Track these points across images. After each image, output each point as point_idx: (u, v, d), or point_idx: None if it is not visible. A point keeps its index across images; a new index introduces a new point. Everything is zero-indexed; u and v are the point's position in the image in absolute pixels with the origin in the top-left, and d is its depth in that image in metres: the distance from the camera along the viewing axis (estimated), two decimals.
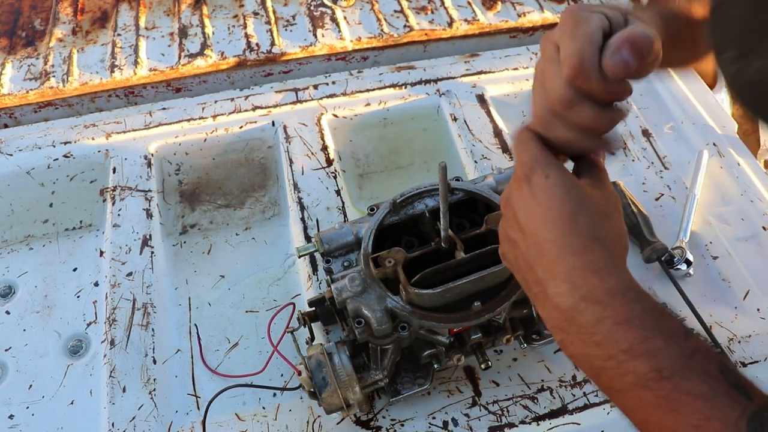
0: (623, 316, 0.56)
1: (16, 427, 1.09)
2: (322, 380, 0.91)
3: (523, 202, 0.63)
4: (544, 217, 0.61)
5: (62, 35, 1.75)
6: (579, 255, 0.59)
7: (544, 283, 0.60)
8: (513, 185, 0.65)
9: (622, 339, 0.55)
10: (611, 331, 0.56)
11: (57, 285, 1.29)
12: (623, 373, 0.55)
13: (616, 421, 1.03)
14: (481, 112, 1.51)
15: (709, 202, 1.32)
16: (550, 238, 0.60)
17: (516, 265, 0.66)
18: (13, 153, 1.43)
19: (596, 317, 0.56)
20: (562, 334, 0.60)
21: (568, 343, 0.60)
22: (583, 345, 0.58)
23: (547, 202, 0.61)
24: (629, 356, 0.55)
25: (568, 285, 0.58)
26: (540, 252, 0.61)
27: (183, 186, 1.45)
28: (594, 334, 0.56)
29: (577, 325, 0.58)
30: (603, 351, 0.56)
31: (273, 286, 1.27)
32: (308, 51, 1.67)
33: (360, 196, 1.48)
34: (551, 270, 0.60)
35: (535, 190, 0.62)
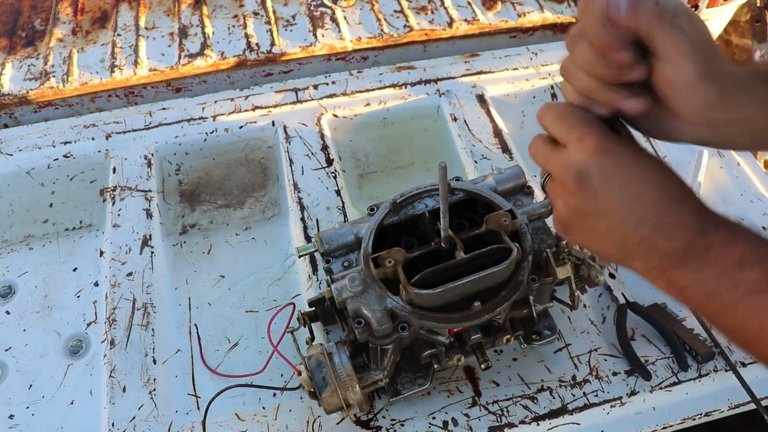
0: (729, 237, 0.63)
1: (16, 426, 1.09)
2: (322, 380, 0.91)
3: (612, 173, 0.66)
4: (642, 181, 0.65)
5: (62, 35, 1.75)
6: (683, 203, 0.65)
7: (653, 238, 0.65)
8: (588, 159, 0.66)
9: (731, 255, 0.61)
10: (721, 251, 0.62)
11: (57, 285, 1.29)
12: (736, 284, 0.61)
13: (616, 421, 1.04)
14: (481, 112, 1.51)
15: (709, 202, 1.30)
16: (653, 197, 0.65)
17: (606, 235, 0.69)
18: (13, 153, 1.43)
19: (708, 245, 0.63)
20: (672, 272, 0.65)
21: (679, 277, 0.64)
22: (696, 273, 0.63)
23: (638, 167, 0.66)
24: (740, 268, 0.61)
25: (682, 228, 0.64)
26: (646, 212, 0.65)
27: (183, 186, 1.45)
28: (707, 258, 0.62)
29: (691, 257, 0.63)
30: (715, 270, 0.62)
31: (273, 286, 1.27)
32: (308, 51, 1.67)
33: (360, 196, 1.48)
34: (661, 223, 0.65)
35: (622, 158, 0.66)
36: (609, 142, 0.66)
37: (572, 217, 0.70)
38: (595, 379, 1.07)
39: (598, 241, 0.70)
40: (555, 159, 0.69)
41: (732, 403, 1.06)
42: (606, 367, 1.09)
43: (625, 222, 0.66)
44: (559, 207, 0.71)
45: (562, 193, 0.70)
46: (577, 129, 0.67)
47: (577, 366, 1.09)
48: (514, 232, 0.97)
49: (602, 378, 1.07)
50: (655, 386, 1.06)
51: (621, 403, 1.05)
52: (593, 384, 1.07)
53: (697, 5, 1.71)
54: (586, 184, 0.67)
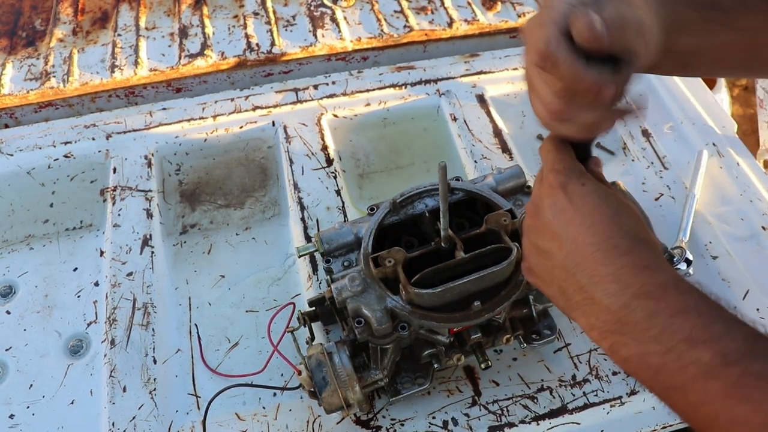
0: (678, 306, 0.55)
1: (17, 426, 1.09)
2: (322, 380, 0.91)
3: (558, 210, 0.62)
4: (585, 222, 0.61)
5: (63, 35, 1.75)
6: (626, 254, 0.59)
7: (588, 288, 0.59)
8: (544, 194, 0.65)
9: (680, 329, 0.53)
10: (668, 323, 0.54)
11: (57, 285, 1.29)
12: (685, 365, 0.52)
13: (616, 421, 1.04)
14: (481, 112, 1.51)
15: (709, 202, 1.32)
16: (593, 242, 0.60)
17: (550, 276, 0.65)
18: (13, 153, 1.43)
19: (650, 312, 0.55)
20: (613, 337, 0.58)
21: (620, 345, 0.58)
22: (638, 343, 0.56)
23: (587, 207, 0.61)
24: (690, 345, 0.52)
25: (618, 285, 0.57)
26: (582, 258, 0.60)
27: (183, 186, 1.45)
28: (649, 329, 0.55)
29: (630, 324, 0.56)
30: (660, 345, 0.54)
31: (273, 286, 1.27)
32: (308, 51, 1.67)
33: (360, 196, 1.48)
34: (597, 273, 0.59)
35: (572, 197, 0.62)
36: (566, 180, 0.63)
37: (531, 252, 0.69)
38: (595, 379, 1.07)
39: (549, 283, 0.66)
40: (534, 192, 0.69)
41: None
42: (606, 366, 1.09)
43: (564, 263, 0.62)
44: (524, 242, 0.70)
45: (526, 227, 0.69)
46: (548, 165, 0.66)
47: (577, 365, 1.09)
48: (514, 232, 0.97)
49: (602, 377, 1.07)
50: None
51: (621, 402, 1.05)
52: (593, 383, 1.07)
53: None
54: (539, 217, 0.65)
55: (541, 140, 0.74)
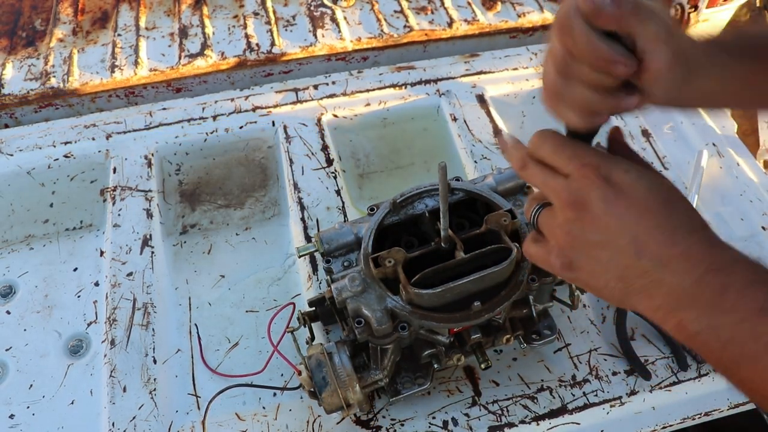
0: (749, 278, 0.56)
1: (17, 426, 1.09)
2: (322, 380, 0.91)
3: (609, 202, 0.62)
4: (641, 208, 0.61)
5: (63, 35, 1.75)
6: (692, 233, 0.60)
7: (655, 271, 0.60)
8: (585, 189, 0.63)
9: (753, 300, 0.54)
10: (740, 295, 0.55)
11: (57, 285, 1.29)
12: (758, 336, 0.54)
13: (616, 421, 1.04)
14: (481, 112, 1.51)
15: (709, 202, 1.32)
16: (655, 225, 0.60)
17: (602, 267, 0.64)
18: (13, 153, 1.43)
19: (723, 285, 0.56)
20: (682, 314, 0.59)
21: (689, 321, 0.58)
22: (709, 317, 0.56)
23: (639, 194, 0.61)
24: (762, 315, 0.54)
25: (689, 263, 0.58)
26: (645, 243, 0.60)
27: (183, 186, 1.45)
28: (723, 302, 0.56)
29: (702, 298, 0.57)
30: (733, 317, 0.55)
31: (273, 286, 1.27)
32: (308, 51, 1.67)
33: (360, 196, 1.48)
34: (664, 255, 0.59)
35: (620, 187, 0.62)
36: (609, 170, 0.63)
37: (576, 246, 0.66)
38: (594, 379, 1.07)
39: (600, 275, 0.65)
40: (556, 185, 0.66)
41: (732, 403, 1.06)
42: (606, 366, 1.09)
43: (625, 251, 0.61)
44: (560, 237, 0.66)
45: (563, 222, 0.66)
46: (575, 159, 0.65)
47: (577, 366, 1.09)
48: (514, 232, 0.97)
49: (602, 378, 1.07)
50: (654, 386, 1.06)
51: (621, 402, 1.05)
52: (593, 384, 1.07)
53: (696, 5, 1.71)
54: (588, 212, 0.63)
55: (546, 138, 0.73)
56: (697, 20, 1.74)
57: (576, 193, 0.64)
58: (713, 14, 1.77)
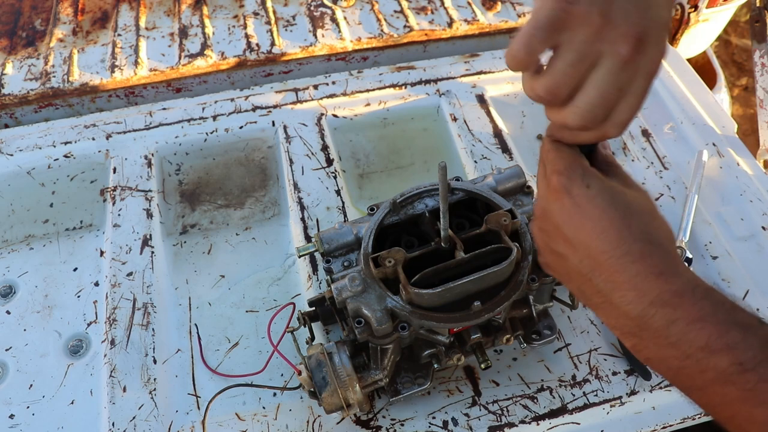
0: (695, 314, 0.55)
1: (17, 426, 1.09)
2: (322, 380, 0.91)
3: (566, 215, 0.61)
4: (594, 228, 0.60)
5: (63, 35, 1.75)
6: (639, 261, 0.58)
7: (606, 293, 0.60)
8: (550, 197, 0.63)
9: (697, 337, 0.54)
10: (685, 331, 0.55)
11: (57, 285, 1.29)
12: (703, 371, 0.54)
13: (616, 421, 1.04)
14: (481, 112, 1.51)
15: (709, 202, 1.32)
16: (605, 249, 0.59)
17: (567, 276, 0.65)
18: (13, 153, 1.43)
19: (668, 320, 0.56)
20: (633, 339, 0.59)
21: (641, 347, 0.59)
22: (657, 348, 0.57)
23: (594, 212, 0.60)
24: (707, 353, 0.54)
25: (635, 293, 0.57)
26: (597, 263, 0.60)
27: (183, 186, 1.45)
28: (668, 336, 0.56)
29: (649, 330, 0.57)
30: (679, 351, 0.55)
31: (273, 286, 1.27)
32: (308, 51, 1.67)
33: (360, 196, 1.49)
34: (613, 280, 0.59)
35: (578, 201, 0.61)
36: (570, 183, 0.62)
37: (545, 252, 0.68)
38: (594, 379, 1.07)
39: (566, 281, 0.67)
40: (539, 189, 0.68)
41: None
42: (606, 366, 1.09)
43: (579, 268, 0.62)
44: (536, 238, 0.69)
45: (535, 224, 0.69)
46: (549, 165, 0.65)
47: (577, 366, 1.09)
48: (514, 232, 0.97)
49: (602, 378, 1.07)
50: (654, 386, 1.06)
51: (621, 402, 1.05)
52: (593, 384, 1.07)
53: (696, 5, 1.71)
54: (548, 221, 0.64)
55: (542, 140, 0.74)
56: (697, 20, 1.74)
57: (543, 203, 0.65)
58: (713, 14, 1.77)
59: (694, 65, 1.70)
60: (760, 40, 1.70)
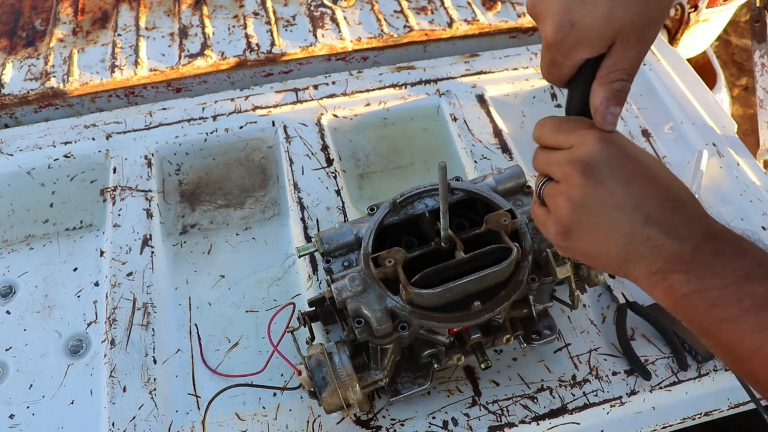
0: (738, 247, 0.62)
1: (17, 426, 1.09)
2: (322, 380, 0.91)
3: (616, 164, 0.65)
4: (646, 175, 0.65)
5: (63, 35, 1.75)
6: (688, 203, 0.66)
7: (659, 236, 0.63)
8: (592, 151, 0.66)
9: (740, 266, 0.60)
10: (729, 261, 0.61)
11: (57, 285, 1.29)
12: (741, 298, 0.59)
13: (616, 421, 1.04)
14: (481, 112, 1.51)
15: (709, 202, 1.32)
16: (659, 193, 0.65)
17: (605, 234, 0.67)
18: (13, 153, 1.43)
19: (715, 251, 0.62)
20: (676, 276, 0.62)
21: (682, 283, 0.62)
22: (701, 279, 0.61)
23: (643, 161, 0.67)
24: (747, 281, 0.59)
25: (689, 230, 0.63)
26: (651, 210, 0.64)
27: (183, 186, 1.45)
28: (714, 266, 0.61)
29: (697, 262, 0.62)
30: (722, 280, 0.60)
31: (273, 286, 1.27)
32: (308, 51, 1.67)
33: (360, 196, 1.49)
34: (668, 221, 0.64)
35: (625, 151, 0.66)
36: (611, 135, 0.67)
37: (575, 214, 0.67)
38: (595, 379, 1.07)
39: (600, 242, 0.67)
40: (558, 158, 0.68)
41: (732, 403, 1.06)
42: (606, 366, 1.09)
43: (631, 218, 0.64)
44: (561, 206, 0.68)
45: (566, 189, 0.67)
46: (576, 130, 0.68)
47: (577, 366, 1.09)
48: (514, 232, 0.97)
49: (602, 378, 1.07)
50: (654, 386, 1.06)
51: (621, 402, 1.05)
52: (593, 384, 1.07)
53: (696, 5, 1.71)
54: (593, 175, 0.65)
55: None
56: (697, 20, 1.74)
57: (580, 159, 0.66)
58: (713, 14, 1.77)
59: (694, 65, 1.70)
60: (760, 40, 1.70)
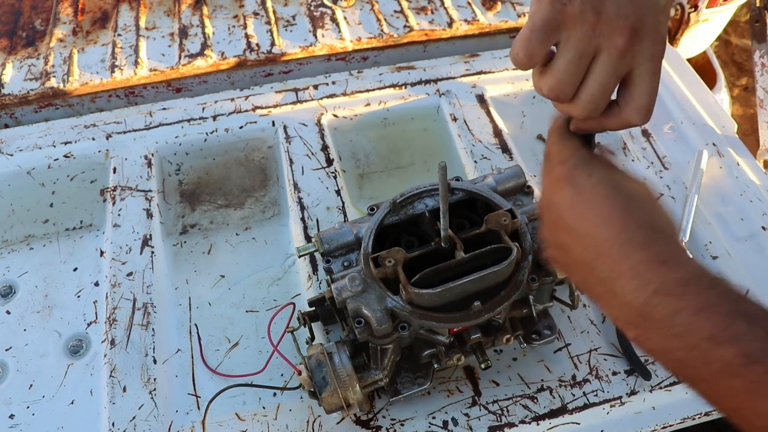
0: (700, 304, 0.54)
1: (17, 426, 1.09)
2: (322, 380, 0.91)
3: (569, 204, 0.62)
4: (597, 216, 0.60)
5: (63, 35, 1.75)
6: (643, 248, 0.57)
7: (609, 282, 0.59)
8: (553, 187, 0.64)
9: (702, 328, 0.53)
10: (690, 322, 0.54)
11: (57, 285, 1.29)
12: (708, 362, 0.53)
13: (616, 421, 1.04)
14: (481, 112, 1.51)
15: (709, 202, 1.32)
16: (607, 236, 0.59)
17: (571, 268, 0.65)
18: (13, 153, 1.43)
19: (672, 310, 0.54)
20: (636, 330, 0.58)
21: (644, 339, 0.58)
22: (661, 339, 0.56)
23: (596, 200, 0.60)
24: (713, 344, 0.53)
25: (638, 281, 0.56)
26: (599, 252, 0.59)
27: (183, 186, 1.45)
28: (672, 326, 0.54)
29: (652, 320, 0.56)
30: (684, 342, 0.54)
31: (273, 286, 1.27)
32: (308, 51, 1.67)
33: (360, 196, 1.49)
34: (615, 268, 0.58)
35: (580, 189, 0.61)
36: (573, 172, 0.62)
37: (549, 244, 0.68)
38: (595, 379, 1.07)
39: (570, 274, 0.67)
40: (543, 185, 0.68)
41: None
42: (606, 366, 1.09)
43: (582, 258, 0.61)
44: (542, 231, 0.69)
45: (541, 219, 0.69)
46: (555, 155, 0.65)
47: (577, 366, 1.09)
48: (514, 232, 0.97)
49: (602, 378, 1.07)
50: (655, 386, 1.06)
51: (621, 402, 1.05)
52: (593, 384, 1.07)
53: (696, 5, 1.71)
54: (551, 212, 0.65)
55: (541, 140, 0.75)
56: (697, 20, 1.74)
57: (547, 194, 0.66)
58: (713, 14, 1.77)
59: (694, 65, 1.70)
60: (760, 40, 1.70)
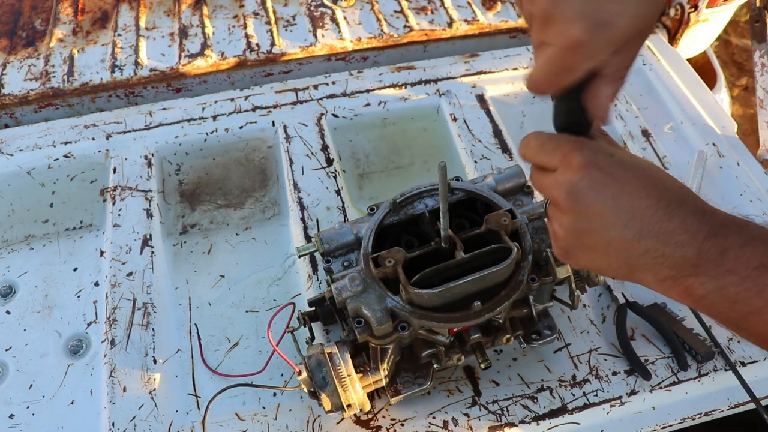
0: (744, 238, 0.60)
1: (17, 426, 1.09)
2: (322, 380, 0.91)
3: (602, 186, 0.64)
4: (634, 189, 0.63)
5: (63, 35, 1.75)
6: (684, 204, 0.62)
7: (657, 247, 0.62)
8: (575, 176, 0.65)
9: (751, 257, 0.58)
10: (739, 255, 0.59)
11: (57, 285, 1.29)
12: (761, 290, 0.58)
13: (616, 421, 1.04)
14: (481, 112, 1.51)
15: (709, 202, 1.31)
16: (650, 203, 0.62)
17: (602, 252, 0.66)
18: (13, 153, 1.43)
19: (722, 249, 0.60)
20: (688, 281, 0.61)
21: (696, 286, 0.61)
22: (714, 279, 0.60)
23: (627, 175, 0.63)
24: (763, 271, 0.58)
25: (688, 234, 0.61)
26: (644, 220, 0.62)
27: (183, 186, 1.45)
28: (724, 263, 0.59)
29: (705, 264, 0.60)
30: (736, 276, 0.59)
31: (273, 286, 1.27)
32: (308, 51, 1.67)
33: (360, 196, 1.49)
34: (663, 230, 0.61)
35: (609, 170, 0.64)
36: (594, 156, 0.64)
37: (569, 237, 0.68)
38: (594, 379, 1.07)
39: (600, 258, 0.67)
40: (547, 182, 0.68)
41: (732, 403, 1.06)
42: (606, 366, 1.09)
43: (624, 234, 0.63)
44: (556, 230, 0.70)
45: (557, 214, 0.69)
46: (559, 151, 0.67)
47: (577, 366, 1.09)
48: (514, 232, 0.97)
49: (602, 378, 1.07)
50: (654, 386, 1.06)
51: (621, 402, 1.05)
52: (593, 384, 1.07)
53: (696, 5, 1.71)
54: (578, 201, 0.65)
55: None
56: (697, 20, 1.74)
57: (564, 186, 0.66)
58: (713, 14, 1.77)
59: (694, 65, 1.70)
60: (760, 40, 1.70)
